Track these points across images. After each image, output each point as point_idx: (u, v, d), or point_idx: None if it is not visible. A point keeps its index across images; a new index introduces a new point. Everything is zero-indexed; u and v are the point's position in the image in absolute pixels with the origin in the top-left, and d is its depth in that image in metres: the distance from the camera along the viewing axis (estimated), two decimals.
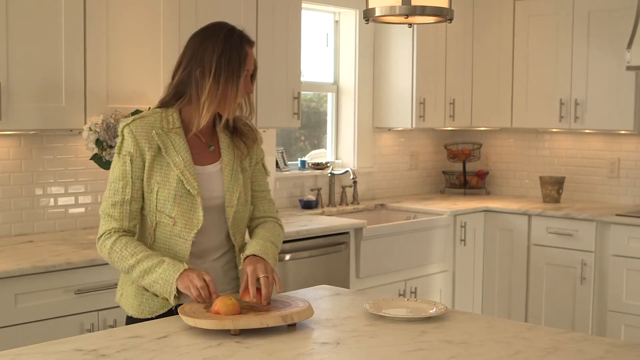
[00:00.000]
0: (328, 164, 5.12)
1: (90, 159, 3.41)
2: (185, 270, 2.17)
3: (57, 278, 2.98)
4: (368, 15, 3.05)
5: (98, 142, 3.32)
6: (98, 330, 3.04)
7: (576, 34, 5.04)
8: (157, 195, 2.26)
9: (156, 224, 2.28)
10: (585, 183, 5.42)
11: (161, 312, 2.29)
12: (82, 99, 3.40)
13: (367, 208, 5.16)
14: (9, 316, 2.86)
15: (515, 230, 5.03)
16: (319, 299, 2.47)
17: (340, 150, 5.40)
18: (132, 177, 2.25)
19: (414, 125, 5.19)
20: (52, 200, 3.69)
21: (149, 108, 2.41)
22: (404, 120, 5.24)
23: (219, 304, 2.07)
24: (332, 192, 5.04)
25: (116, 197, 2.25)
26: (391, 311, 2.27)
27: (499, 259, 5.02)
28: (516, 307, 5.02)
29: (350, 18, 5.30)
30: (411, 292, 4.62)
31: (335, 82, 5.36)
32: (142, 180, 2.26)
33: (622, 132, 5.08)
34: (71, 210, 3.76)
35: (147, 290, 2.28)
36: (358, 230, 4.32)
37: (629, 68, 4.59)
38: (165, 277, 2.16)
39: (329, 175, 5.05)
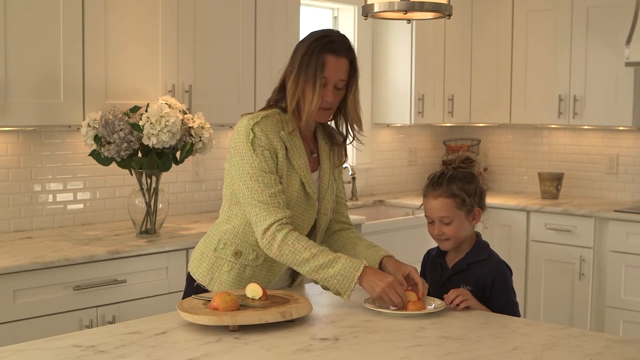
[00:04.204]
0: None
1: (89, 155, 3.41)
2: (365, 268, 2.23)
3: (55, 274, 2.98)
4: (367, 11, 3.05)
5: (96, 138, 3.32)
6: (97, 326, 3.04)
7: (575, 30, 5.04)
8: None
9: None
10: (584, 179, 5.42)
11: None
12: (81, 95, 3.40)
13: (366, 204, 5.16)
14: (8, 312, 2.86)
15: (514, 226, 5.03)
16: (318, 294, 2.48)
17: None
18: (275, 170, 2.30)
19: (412, 122, 5.19)
20: (50, 196, 3.69)
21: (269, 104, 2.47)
22: (402, 117, 5.24)
23: (217, 299, 2.07)
24: None
25: (271, 189, 2.28)
26: (389, 307, 2.27)
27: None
28: None
29: (348, 14, 5.30)
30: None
31: None
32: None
33: (621, 128, 5.07)
34: (70, 207, 3.76)
35: (246, 278, 2.37)
36: (357, 227, 4.32)
37: (627, 64, 4.58)
38: (345, 274, 2.21)
39: None
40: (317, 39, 2.34)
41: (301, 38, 2.43)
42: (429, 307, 2.26)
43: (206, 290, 2.41)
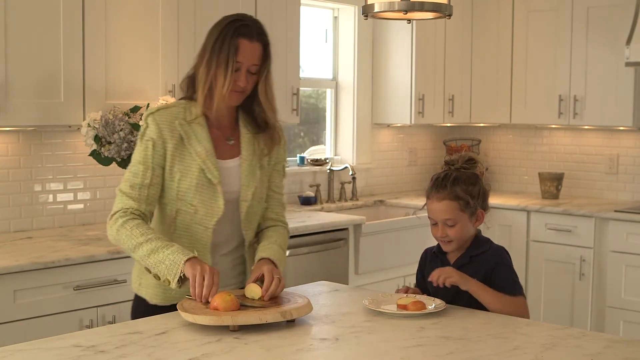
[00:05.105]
0: (327, 160, 5.12)
1: (89, 155, 3.41)
2: (194, 257, 2.17)
3: (56, 274, 2.98)
4: (367, 11, 3.05)
5: (97, 138, 3.32)
6: (97, 326, 3.04)
7: (575, 30, 5.04)
8: (178, 183, 2.30)
9: (176, 212, 2.32)
10: (584, 179, 5.42)
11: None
12: (81, 95, 3.40)
13: (366, 204, 5.16)
14: (8, 312, 2.86)
15: (514, 227, 5.03)
16: (318, 295, 2.48)
17: (339, 146, 5.40)
18: (152, 163, 2.28)
19: (412, 122, 5.19)
20: (50, 196, 3.69)
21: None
22: (402, 117, 5.24)
23: (217, 300, 2.07)
24: (331, 188, 5.05)
25: (136, 179, 2.28)
26: (390, 307, 2.27)
27: None
28: None
29: (349, 14, 5.30)
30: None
31: (334, 78, 5.36)
32: (163, 167, 2.30)
33: (621, 128, 5.08)
34: (70, 207, 3.76)
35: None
36: (357, 227, 4.33)
37: (628, 64, 4.58)
38: (173, 258, 2.16)
39: (328, 171, 5.05)
40: (230, 23, 2.32)
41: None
42: (429, 307, 2.26)
43: (142, 298, 2.36)
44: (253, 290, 2.19)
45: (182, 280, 2.16)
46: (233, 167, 2.37)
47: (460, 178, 2.40)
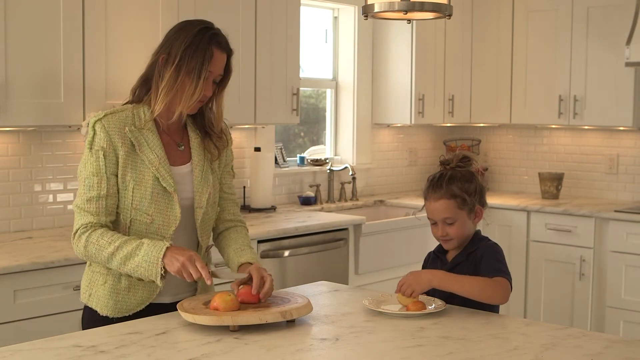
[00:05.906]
0: (327, 160, 5.12)
1: None
2: (168, 249, 2.14)
3: (56, 274, 2.98)
4: (367, 11, 3.05)
5: None
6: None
7: (575, 30, 5.04)
8: (132, 193, 2.23)
9: (130, 221, 2.25)
10: (584, 179, 5.42)
11: (139, 309, 2.27)
12: (81, 95, 3.39)
13: (366, 204, 5.16)
14: (8, 312, 2.86)
15: (514, 227, 5.03)
16: (318, 295, 2.48)
17: (339, 146, 5.40)
18: (106, 173, 2.22)
19: (412, 122, 5.19)
20: (50, 196, 3.69)
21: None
22: (402, 117, 5.24)
23: (217, 300, 2.07)
24: (331, 188, 5.04)
25: (91, 192, 2.21)
26: (390, 307, 2.27)
27: None
28: (515, 303, 5.02)
29: (349, 14, 5.30)
30: None
31: (334, 79, 5.36)
32: (117, 176, 2.24)
33: (621, 128, 5.08)
34: (70, 207, 3.75)
35: (122, 289, 2.26)
36: (357, 227, 4.32)
37: (628, 64, 4.58)
38: (148, 259, 2.13)
39: (328, 171, 5.05)
40: (202, 30, 2.26)
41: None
42: (429, 307, 2.26)
43: (93, 309, 2.31)
44: (224, 300, 2.15)
45: (164, 275, 2.15)
46: (185, 174, 2.33)
47: (455, 176, 2.41)
